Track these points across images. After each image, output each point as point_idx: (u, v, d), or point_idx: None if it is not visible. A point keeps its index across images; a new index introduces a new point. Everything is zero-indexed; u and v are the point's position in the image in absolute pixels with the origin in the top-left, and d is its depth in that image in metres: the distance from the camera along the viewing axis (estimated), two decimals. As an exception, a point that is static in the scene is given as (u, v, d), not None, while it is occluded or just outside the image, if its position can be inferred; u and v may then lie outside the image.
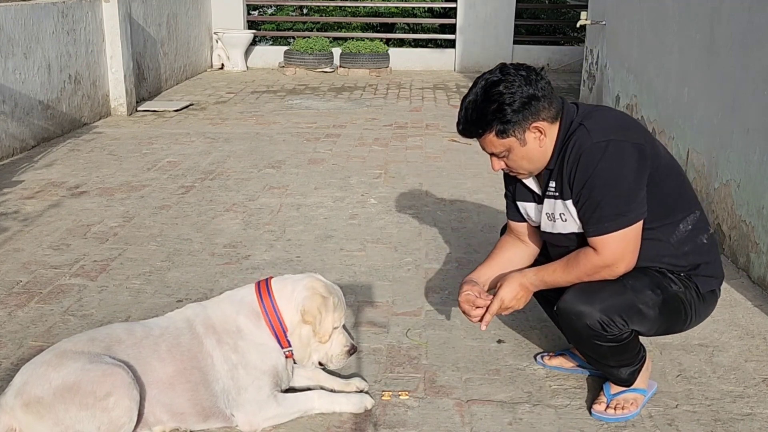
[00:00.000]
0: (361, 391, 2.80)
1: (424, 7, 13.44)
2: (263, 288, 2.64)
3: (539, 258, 2.85)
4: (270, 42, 13.98)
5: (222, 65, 12.01)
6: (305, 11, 14.35)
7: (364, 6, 13.21)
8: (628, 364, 2.65)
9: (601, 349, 2.57)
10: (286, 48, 12.10)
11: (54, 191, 5.39)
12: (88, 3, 7.54)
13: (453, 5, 12.51)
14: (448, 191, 5.50)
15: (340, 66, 11.78)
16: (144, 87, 9.07)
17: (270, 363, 2.58)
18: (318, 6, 13.56)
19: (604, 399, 2.73)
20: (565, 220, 2.58)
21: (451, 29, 12.57)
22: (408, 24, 13.97)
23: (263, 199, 5.26)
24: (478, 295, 2.70)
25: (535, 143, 2.51)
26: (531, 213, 2.75)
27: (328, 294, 2.63)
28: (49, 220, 4.78)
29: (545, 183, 2.62)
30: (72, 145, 6.79)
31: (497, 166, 2.61)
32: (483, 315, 2.69)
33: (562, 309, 2.55)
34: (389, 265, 4.10)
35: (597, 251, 2.49)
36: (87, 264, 4.07)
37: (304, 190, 5.51)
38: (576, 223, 2.55)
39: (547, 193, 2.61)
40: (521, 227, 2.85)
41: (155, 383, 2.45)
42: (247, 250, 4.31)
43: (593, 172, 2.43)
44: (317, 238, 4.52)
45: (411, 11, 13.42)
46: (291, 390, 2.73)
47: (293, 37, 13.04)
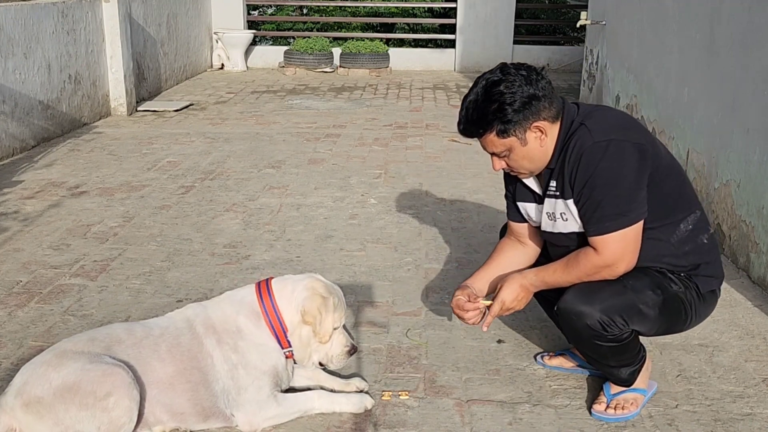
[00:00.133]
0: (361, 391, 2.80)
1: (424, 7, 13.44)
2: (263, 288, 2.64)
3: (539, 258, 2.85)
4: (270, 42, 13.98)
5: (222, 65, 12.01)
6: (305, 11, 14.35)
7: (364, 6, 13.21)
8: (628, 364, 2.65)
9: (602, 349, 2.57)
10: (286, 48, 12.10)
11: (54, 191, 5.39)
12: (88, 3, 7.55)
13: (453, 5, 12.51)
14: (448, 191, 5.50)
15: (340, 66, 11.78)
16: (144, 87, 9.07)
17: (270, 363, 2.58)
18: (318, 6, 13.56)
19: (604, 399, 2.73)
20: (566, 219, 2.58)
21: (451, 29, 12.57)
22: (408, 24, 13.97)
23: (263, 199, 5.26)
24: (467, 299, 2.73)
25: (536, 143, 2.51)
26: (531, 213, 2.75)
27: (328, 294, 2.63)
28: (49, 220, 4.78)
29: (546, 182, 2.62)
30: (72, 145, 6.79)
31: (498, 165, 2.61)
32: (482, 317, 2.72)
33: (562, 309, 2.55)
34: (389, 265, 4.10)
35: (597, 251, 2.49)
36: (87, 264, 4.07)
37: (304, 190, 5.51)
38: (577, 223, 2.55)
39: (548, 193, 2.61)
40: (521, 228, 2.85)
41: (155, 383, 2.45)
42: (247, 250, 4.31)
43: (594, 171, 2.43)
44: (317, 238, 4.52)
45: (411, 11, 13.42)
46: (291, 390, 2.73)
47: (293, 37, 13.04)
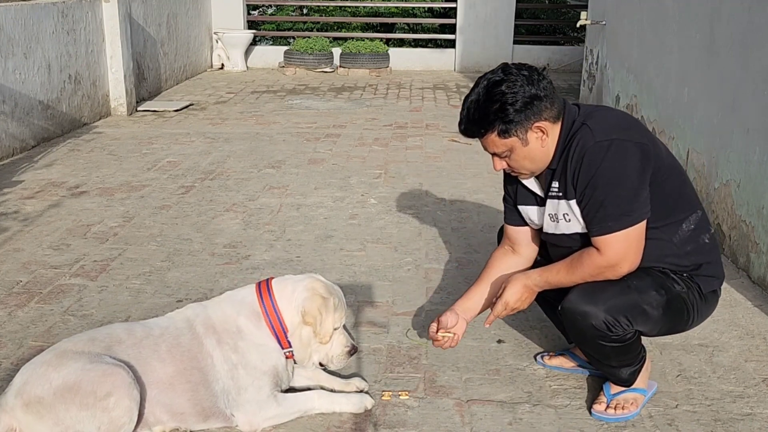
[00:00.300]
0: (361, 391, 2.80)
1: (424, 7, 13.44)
2: (264, 288, 2.64)
3: (540, 260, 2.84)
4: (270, 42, 13.98)
5: (222, 65, 12.01)
6: (305, 11, 14.35)
7: (364, 6, 13.21)
8: (629, 364, 2.65)
9: (605, 350, 2.56)
10: (286, 48, 12.10)
11: (54, 191, 5.39)
12: (88, 3, 7.55)
13: (453, 5, 12.51)
14: (448, 191, 5.50)
15: (340, 66, 11.78)
16: (144, 87, 9.07)
17: (270, 363, 2.58)
18: (318, 6, 13.56)
19: (604, 399, 2.73)
20: (569, 220, 2.57)
21: (451, 29, 12.57)
22: (408, 24, 13.97)
23: (263, 199, 5.26)
24: (435, 330, 2.80)
25: (537, 143, 2.51)
26: (533, 216, 2.74)
27: (328, 295, 2.63)
28: (49, 220, 4.78)
29: (548, 183, 2.61)
30: (72, 145, 6.79)
31: (499, 165, 2.61)
32: (456, 340, 2.82)
33: (566, 309, 2.54)
34: (389, 265, 4.10)
35: (600, 251, 2.48)
36: (87, 264, 4.07)
37: (304, 190, 5.51)
38: (580, 223, 2.55)
39: (550, 194, 2.61)
40: (517, 232, 2.84)
41: (155, 383, 2.45)
42: (247, 250, 4.31)
43: (596, 171, 2.43)
44: (317, 238, 4.52)
45: (411, 11, 13.42)
46: (291, 390, 2.73)
47: (293, 37, 13.04)
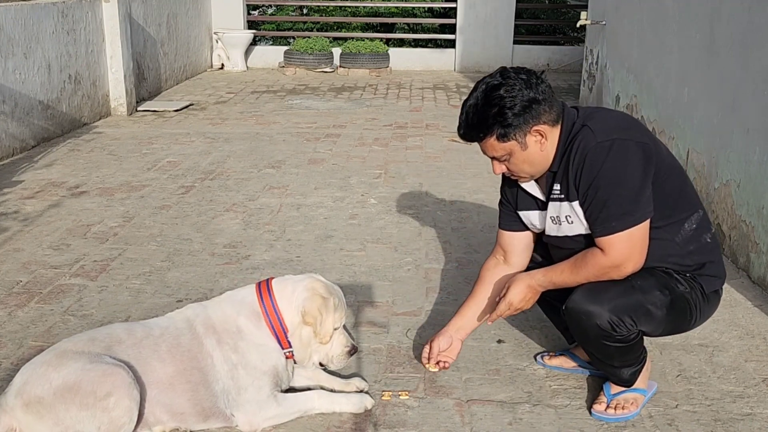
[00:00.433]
0: (361, 391, 2.80)
1: (424, 7, 13.44)
2: (264, 288, 2.64)
3: (542, 261, 2.84)
4: (270, 42, 13.98)
5: (222, 65, 12.01)
6: (305, 11, 14.34)
7: (364, 6, 13.21)
8: (631, 364, 2.65)
9: (609, 350, 2.56)
10: (286, 48, 12.10)
11: (54, 191, 5.39)
12: (88, 3, 7.55)
13: (453, 5, 12.51)
14: (448, 191, 5.50)
15: (340, 66, 11.78)
16: (144, 87, 9.07)
17: (270, 363, 2.58)
18: (318, 6, 13.56)
19: (604, 399, 2.73)
20: (571, 222, 2.57)
21: (451, 29, 12.57)
22: (408, 24, 13.97)
23: (263, 199, 5.26)
24: (427, 354, 2.92)
25: (537, 147, 2.51)
26: (535, 221, 2.73)
27: (328, 295, 2.63)
28: (49, 220, 4.78)
29: (549, 186, 2.61)
30: (72, 145, 6.79)
31: (498, 169, 2.61)
32: (440, 359, 2.92)
33: (570, 309, 2.54)
34: (389, 265, 4.10)
35: (604, 252, 2.48)
36: (87, 264, 4.07)
37: (304, 190, 5.51)
38: (583, 225, 2.54)
39: (552, 197, 2.60)
40: (512, 238, 2.83)
41: (155, 383, 2.45)
42: (247, 250, 4.31)
43: (598, 172, 2.43)
44: (317, 238, 4.52)
45: (411, 11, 13.42)
46: (291, 390, 2.73)
47: (293, 37, 13.04)
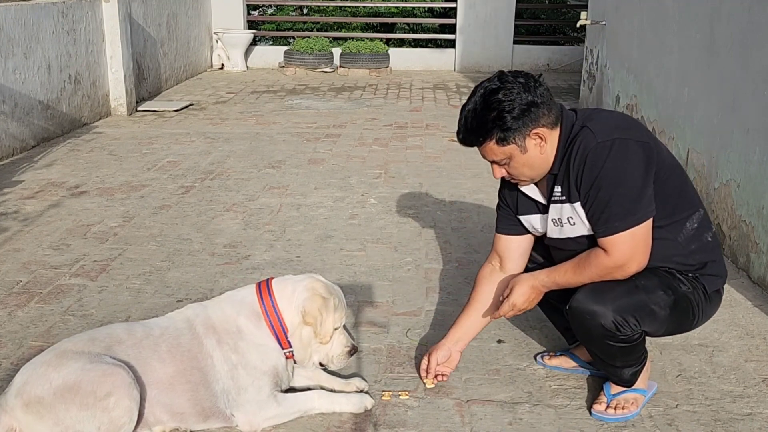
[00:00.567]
0: (361, 391, 2.80)
1: (424, 7, 13.44)
2: (264, 289, 2.64)
3: (543, 262, 2.83)
4: (270, 42, 13.98)
5: (222, 65, 12.01)
6: (305, 11, 14.34)
7: (364, 6, 13.21)
8: (632, 364, 2.64)
9: (612, 350, 2.56)
10: (286, 48, 12.10)
11: (54, 191, 5.39)
12: (88, 3, 7.55)
13: (453, 5, 12.51)
14: (448, 191, 5.50)
15: (340, 66, 11.78)
16: (144, 87, 9.07)
17: (270, 363, 2.58)
18: (318, 6, 13.56)
19: (604, 399, 2.73)
20: (573, 223, 2.56)
21: (451, 29, 12.56)
22: (408, 24, 13.97)
23: (263, 199, 5.26)
24: (425, 367, 2.89)
25: (536, 150, 2.50)
26: (537, 225, 2.73)
27: (328, 295, 2.63)
28: (49, 220, 4.78)
29: (550, 189, 2.61)
30: (72, 145, 6.79)
31: (498, 173, 2.61)
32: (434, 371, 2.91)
33: (574, 308, 2.53)
34: (389, 265, 4.10)
35: (608, 252, 2.47)
36: (87, 264, 4.07)
37: (304, 190, 5.51)
38: (585, 226, 2.54)
39: (553, 199, 2.60)
40: (510, 242, 2.82)
41: (155, 383, 2.45)
42: (247, 250, 4.31)
43: (600, 172, 2.43)
44: (317, 238, 4.52)
45: (411, 11, 13.42)
46: (291, 390, 2.73)
47: (293, 37, 13.04)
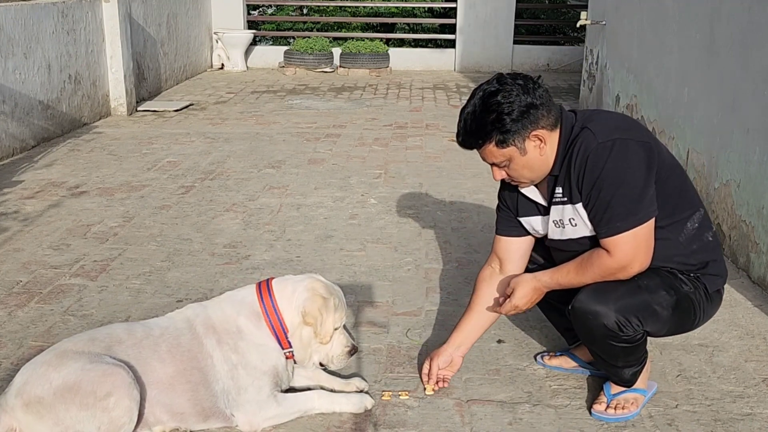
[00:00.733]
0: (361, 391, 2.80)
1: (424, 7, 13.44)
2: (264, 289, 2.64)
3: (544, 263, 2.82)
4: (270, 42, 13.98)
5: (222, 65, 12.01)
6: (305, 11, 14.34)
7: (364, 6, 13.21)
8: (633, 365, 2.65)
9: (614, 350, 2.56)
10: (286, 48, 12.10)
11: (54, 191, 5.39)
12: (88, 3, 7.55)
13: (453, 5, 12.51)
14: (448, 191, 5.50)
15: (340, 66, 11.78)
16: (144, 87, 9.07)
17: (270, 363, 2.58)
18: (318, 6, 13.56)
19: (604, 399, 2.73)
20: (575, 225, 2.56)
21: (451, 29, 12.56)
22: (408, 24, 13.97)
23: (263, 199, 5.26)
24: (427, 371, 2.87)
25: (536, 152, 2.50)
26: (538, 226, 2.72)
27: (328, 295, 2.63)
28: (49, 220, 4.78)
29: (551, 190, 2.60)
30: (72, 145, 6.79)
31: (498, 175, 2.60)
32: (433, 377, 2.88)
33: (577, 309, 2.53)
34: (389, 265, 4.10)
35: (610, 253, 2.47)
36: (87, 264, 4.07)
37: (304, 190, 5.51)
38: (587, 227, 2.54)
39: (554, 200, 2.60)
40: (509, 243, 2.81)
41: (155, 383, 2.45)
42: (247, 250, 4.31)
43: (601, 172, 2.43)
44: (317, 238, 4.52)
45: (411, 11, 13.42)
46: (291, 390, 2.73)
47: (293, 37, 13.04)
